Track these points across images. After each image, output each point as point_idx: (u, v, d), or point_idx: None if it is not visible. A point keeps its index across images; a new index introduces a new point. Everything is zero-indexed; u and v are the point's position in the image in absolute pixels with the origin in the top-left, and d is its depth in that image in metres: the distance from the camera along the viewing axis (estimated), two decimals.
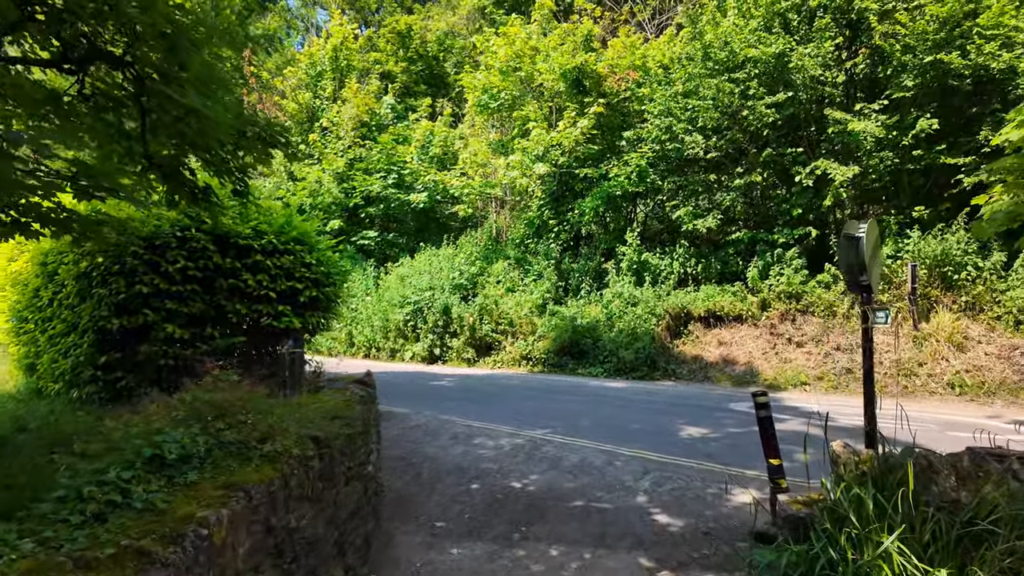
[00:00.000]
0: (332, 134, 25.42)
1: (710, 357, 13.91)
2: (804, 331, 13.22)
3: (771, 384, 12.38)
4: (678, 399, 11.15)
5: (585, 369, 14.82)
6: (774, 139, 14.34)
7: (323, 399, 3.94)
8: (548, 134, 16.78)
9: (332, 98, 27.14)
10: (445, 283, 18.60)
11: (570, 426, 8.92)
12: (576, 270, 17.65)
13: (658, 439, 8.02)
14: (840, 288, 13.05)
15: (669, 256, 16.20)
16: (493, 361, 16.79)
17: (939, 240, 12.01)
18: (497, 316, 17.15)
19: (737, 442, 7.82)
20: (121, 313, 9.01)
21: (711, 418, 9.32)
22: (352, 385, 4.84)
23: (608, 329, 15.48)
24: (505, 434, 8.47)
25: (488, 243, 20.68)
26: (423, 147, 23.08)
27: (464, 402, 11.24)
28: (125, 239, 9.06)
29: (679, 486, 6.13)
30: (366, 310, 20.39)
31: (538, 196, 19.19)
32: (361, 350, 20.30)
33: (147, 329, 9.16)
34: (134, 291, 8.88)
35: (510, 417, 9.64)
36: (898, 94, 12.32)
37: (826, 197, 13.10)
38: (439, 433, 8.61)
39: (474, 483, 6.25)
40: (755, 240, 14.91)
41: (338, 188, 23.70)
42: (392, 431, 8.71)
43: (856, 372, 11.85)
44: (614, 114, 17.50)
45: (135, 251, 8.96)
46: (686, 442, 7.87)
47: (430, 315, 17.98)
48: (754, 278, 14.26)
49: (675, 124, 14.76)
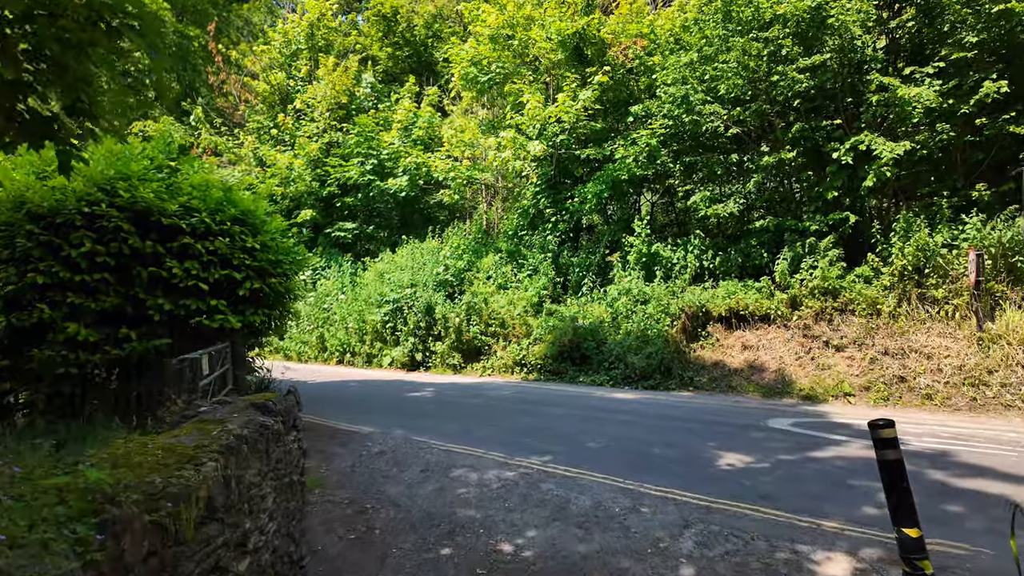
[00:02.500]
0: (306, 117, 23.63)
1: (734, 363, 12.25)
2: (843, 333, 11.59)
3: (808, 395, 10.74)
4: (703, 414, 9.47)
5: (588, 377, 13.13)
6: (805, 111, 12.73)
7: (159, 443, 2.26)
8: (545, 108, 15.09)
9: (308, 79, 25.33)
10: (428, 279, 16.85)
11: (575, 451, 7.21)
12: (576, 264, 15.97)
13: (691, 471, 6.33)
14: (884, 282, 11.45)
15: (683, 248, 14.55)
16: (482, 368, 15.07)
17: (1007, 224, 10.42)
18: (487, 316, 15.44)
19: (795, 475, 6.14)
20: (10, 308, 7.24)
21: (749, 440, 7.64)
22: (250, 411, 3.14)
23: (614, 331, 13.80)
24: (493, 463, 6.74)
25: (477, 235, 18.95)
26: (405, 129, 21.34)
27: (445, 418, 9.51)
28: (18, 217, 7.33)
29: (736, 548, 4.43)
30: (340, 310, 18.59)
31: (533, 182, 17.49)
32: (334, 355, 18.49)
33: (43, 329, 7.38)
34: (27, 281, 7.14)
35: (500, 438, 7.91)
36: (956, 54, 10.74)
37: (867, 177, 11.50)
38: (408, 462, 6.86)
39: (445, 546, 4.51)
40: (782, 228, 13.29)
41: (311, 175, 21.89)
42: (345, 461, 6.96)
43: (910, 380, 10.24)
44: (620, 88, 15.84)
45: (30, 231, 7.21)
46: (728, 475, 6.18)
47: (411, 315, 16.22)
48: (782, 272, 12.63)
49: (691, 93, 13.10)
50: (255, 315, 8.56)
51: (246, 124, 26.18)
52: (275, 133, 24.33)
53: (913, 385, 10.16)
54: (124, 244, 7.35)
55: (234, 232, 8.20)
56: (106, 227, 7.32)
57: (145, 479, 1.81)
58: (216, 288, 8.03)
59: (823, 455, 6.90)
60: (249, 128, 25.69)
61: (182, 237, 7.69)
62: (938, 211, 11.48)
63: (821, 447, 7.23)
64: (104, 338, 7.55)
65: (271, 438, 2.96)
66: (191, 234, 7.79)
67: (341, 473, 6.54)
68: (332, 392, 12.88)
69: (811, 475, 6.14)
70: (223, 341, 8.53)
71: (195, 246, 7.74)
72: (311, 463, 6.95)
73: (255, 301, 8.74)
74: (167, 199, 7.82)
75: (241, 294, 8.21)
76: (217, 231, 8.04)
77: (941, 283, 10.93)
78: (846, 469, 6.33)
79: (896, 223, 11.48)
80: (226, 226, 8.17)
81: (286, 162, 21.76)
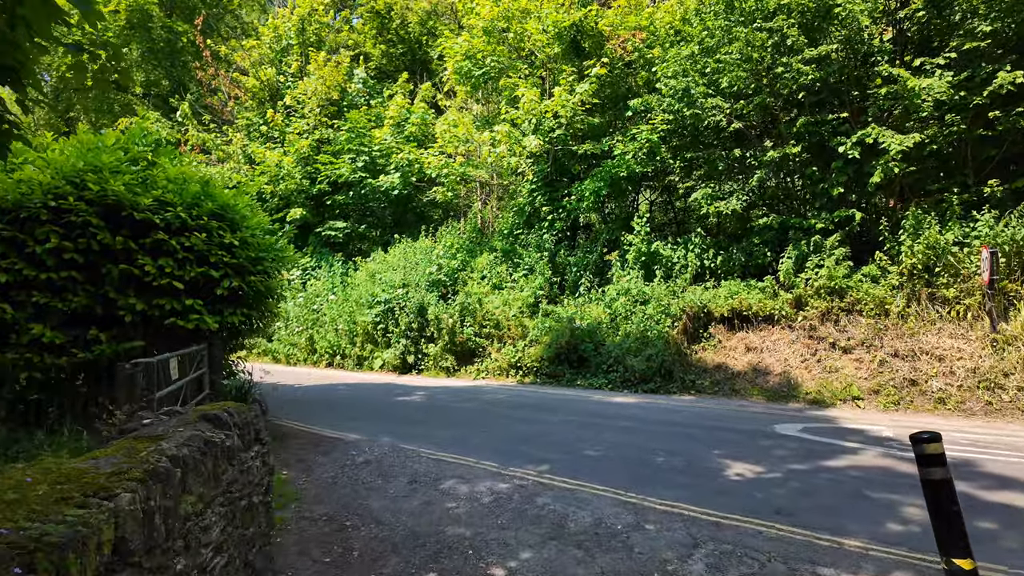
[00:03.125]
0: (297, 113, 23.16)
1: (737, 365, 11.87)
2: (851, 334, 11.23)
3: (815, 399, 10.37)
4: (706, 420, 9.08)
5: (585, 380, 12.72)
6: (809, 105, 12.38)
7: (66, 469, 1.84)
8: (541, 103, 14.67)
9: (298, 74, 24.85)
10: (421, 279, 16.40)
11: (573, 460, 6.80)
12: (574, 264, 15.57)
13: (698, 482, 5.92)
14: (892, 281, 11.10)
15: (683, 247, 14.17)
16: (476, 370, 14.64)
17: (1021, 221, 10.08)
18: (481, 317, 15.02)
19: (809, 486, 5.75)
20: None
21: (758, 448, 7.25)
22: (200, 424, 2.71)
23: (613, 332, 13.40)
24: (485, 474, 6.33)
25: (472, 234, 18.52)
26: (398, 126, 20.89)
27: (435, 424, 9.09)
28: None
29: (752, 571, 4.03)
30: (330, 311, 18.12)
31: (529, 179, 17.08)
32: (324, 358, 18.03)
33: (5, 330, 6.95)
34: None
35: (493, 446, 7.50)
36: (969, 44, 10.40)
37: (874, 173, 11.15)
38: (394, 473, 6.43)
39: (430, 569, 4.09)
40: (786, 226, 12.93)
41: (302, 173, 21.41)
42: (327, 472, 6.54)
43: (922, 384, 9.87)
44: (618, 83, 15.46)
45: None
46: (738, 487, 5.78)
47: (403, 316, 15.78)
48: (787, 271, 12.26)
49: (692, 86, 12.72)
50: (234, 315, 8.11)
51: (235, 121, 25.69)
52: (264, 130, 23.84)
53: (925, 389, 9.79)
54: (93, 240, 6.91)
55: (212, 227, 7.76)
56: (74, 222, 6.88)
57: (22, 523, 1.40)
58: (192, 287, 7.60)
59: (836, 464, 6.51)
60: (238, 126, 25.20)
61: (156, 233, 7.26)
62: (948, 208, 11.14)
63: (834, 455, 6.85)
64: (72, 340, 7.09)
65: (221, 456, 2.53)
66: (165, 229, 7.35)
67: (321, 485, 6.11)
68: (319, 396, 12.43)
69: (826, 486, 5.75)
70: (200, 343, 8.10)
71: (169, 242, 7.31)
72: (290, 474, 6.51)
73: (234, 301, 8.30)
74: (140, 192, 7.38)
75: (219, 293, 7.77)
76: (194, 226, 7.60)
77: (952, 282, 10.58)
78: (863, 479, 5.94)
79: (905, 220, 11.13)
80: (203, 221, 7.73)
81: (275, 159, 21.27)
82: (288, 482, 6.18)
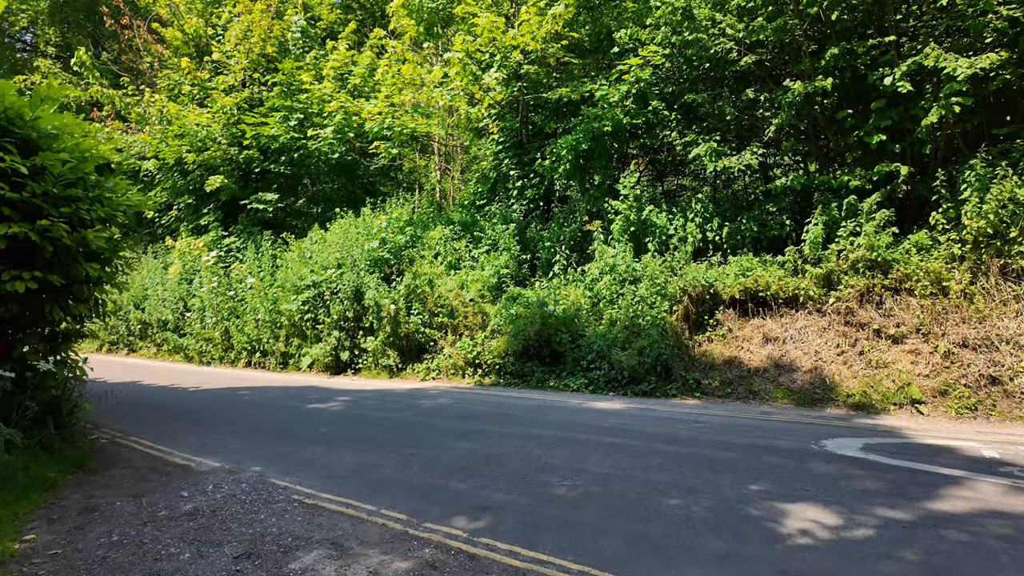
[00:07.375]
0: (226, 69, 20.26)
1: (753, 360, 9.58)
2: (900, 319, 9.01)
3: (859, 402, 8.13)
4: (725, 434, 6.73)
5: (560, 381, 10.32)
6: (842, 30, 10.16)
7: None
8: (506, 33, 12.15)
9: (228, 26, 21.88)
10: (360, 258, 13.77)
11: (532, 506, 4.36)
12: (547, 238, 13.12)
13: (744, 549, 3.53)
14: (953, 250, 8.92)
15: (681, 215, 11.84)
16: (426, 369, 12.11)
17: None
18: (432, 304, 12.49)
19: (937, 555, 3.37)
20: None
21: (815, 479, 4.89)
22: None
23: (595, 320, 11.02)
24: (379, 537, 3.84)
25: (427, 208, 15.93)
26: (340, 78, 18.16)
27: (343, 444, 6.56)
28: None
29: None
30: (251, 300, 15.37)
31: (494, 138, 14.57)
32: (243, 355, 15.28)
33: None
34: None
35: (413, 481, 5.01)
36: None
37: (932, 110, 8.98)
38: (224, 536, 3.88)
39: None
40: (810, 188, 10.72)
41: (228, 137, 18.54)
42: (115, 532, 3.97)
43: (1005, 382, 7.67)
44: (601, 16, 13.06)
45: None
46: (814, 559, 3.38)
47: (335, 304, 13.15)
48: (814, 241, 10.03)
49: (695, 5, 10.38)
50: (17, 280, 5.48)
51: (157, 84, 22.65)
52: (188, 90, 20.89)
53: (1011, 389, 7.59)
54: None
55: None
56: None
57: None
58: None
59: (949, 508, 4.20)
60: (160, 87, 22.19)
61: None
62: (1022, 157, 9.01)
63: (937, 492, 4.54)
64: None
65: None
66: None
67: (78, 566, 3.53)
68: (203, 403, 9.79)
69: (964, 555, 3.40)
70: None
71: None
72: (41, 539, 3.91)
73: (20, 258, 5.64)
74: None
75: None
76: None
77: None
78: (1015, 540, 3.62)
79: (968, 172, 8.97)
80: None
81: (196, 120, 18.34)
82: (18, 559, 3.58)
